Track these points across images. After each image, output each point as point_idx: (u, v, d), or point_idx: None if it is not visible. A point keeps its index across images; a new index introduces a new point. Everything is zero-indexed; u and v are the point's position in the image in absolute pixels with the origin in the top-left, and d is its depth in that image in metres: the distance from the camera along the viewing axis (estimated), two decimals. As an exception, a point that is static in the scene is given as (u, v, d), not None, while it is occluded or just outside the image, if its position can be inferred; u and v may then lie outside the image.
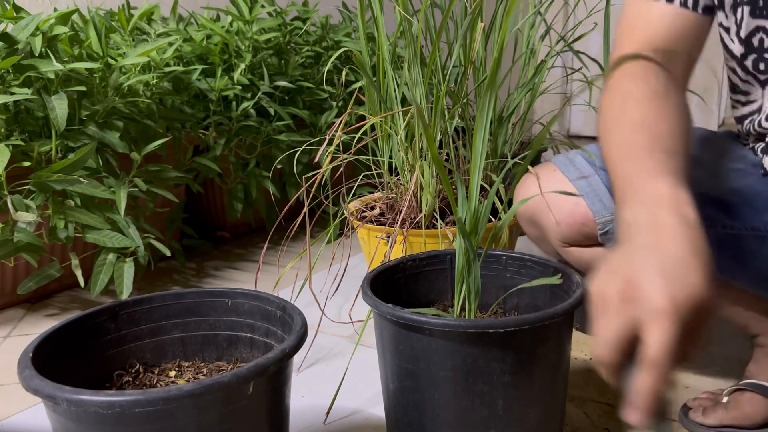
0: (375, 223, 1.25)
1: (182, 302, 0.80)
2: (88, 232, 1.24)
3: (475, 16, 1.12)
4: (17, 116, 1.27)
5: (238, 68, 1.66)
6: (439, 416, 0.73)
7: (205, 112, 1.63)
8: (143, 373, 0.78)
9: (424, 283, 0.92)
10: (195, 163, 1.59)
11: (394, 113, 1.23)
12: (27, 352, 0.64)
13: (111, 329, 0.76)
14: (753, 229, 0.82)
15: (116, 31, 1.53)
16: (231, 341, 0.81)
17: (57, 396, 0.56)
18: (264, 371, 0.60)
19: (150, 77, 1.44)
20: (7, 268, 1.33)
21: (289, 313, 0.73)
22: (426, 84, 1.18)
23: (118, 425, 0.57)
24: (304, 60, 1.89)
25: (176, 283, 1.55)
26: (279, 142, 1.72)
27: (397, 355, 0.75)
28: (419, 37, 1.17)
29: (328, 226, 1.19)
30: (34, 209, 1.16)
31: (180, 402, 0.56)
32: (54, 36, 1.28)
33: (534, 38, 1.40)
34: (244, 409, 0.61)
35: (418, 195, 1.22)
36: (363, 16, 1.28)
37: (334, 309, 1.31)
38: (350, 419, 0.96)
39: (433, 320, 0.70)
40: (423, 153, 1.22)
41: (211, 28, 1.66)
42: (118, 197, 1.26)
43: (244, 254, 1.77)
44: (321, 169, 1.13)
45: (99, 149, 1.32)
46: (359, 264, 1.57)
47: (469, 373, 0.70)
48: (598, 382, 1.06)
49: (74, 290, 1.49)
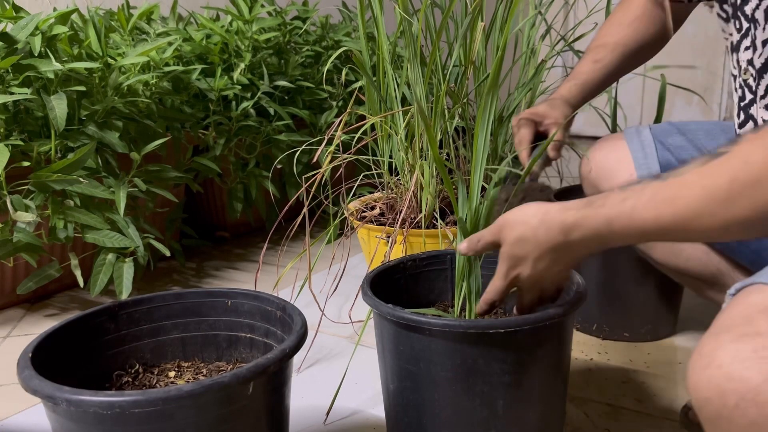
0: (375, 223, 1.25)
1: (182, 302, 0.80)
2: (88, 232, 1.24)
3: (475, 15, 1.12)
4: (17, 116, 1.27)
5: (238, 68, 1.66)
6: (439, 416, 0.73)
7: (204, 112, 1.63)
8: (143, 373, 0.77)
9: (424, 283, 0.92)
10: (195, 163, 1.59)
11: (394, 113, 1.23)
12: (27, 352, 0.63)
13: (111, 329, 0.76)
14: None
15: (116, 30, 1.53)
16: (231, 341, 0.80)
17: (56, 396, 0.56)
18: (264, 371, 0.60)
19: (149, 77, 1.44)
20: (7, 268, 1.33)
21: (289, 313, 0.73)
22: (426, 84, 1.18)
23: (118, 425, 0.57)
24: (304, 60, 1.89)
25: (176, 283, 1.55)
26: (279, 141, 1.72)
27: (397, 355, 0.75)
28: (419, 37, 1.17)
29: (328, 226, 1.19)
30: (34, 209, 1.16)
31: (180, 402, 0.56)
32: (53, 36, 1.28)
33: (534, 38, 1.39)
34: (243, 409, 0.61)
35: (418, 195, 1.22)
36: (363, 15, 1.28)
37: (334, 309, 1.31)
38: (350, 419, 0.96)
39: (433, 320, 0.69)
40: (423, 153, 1.21)
41: (210, 28, 1.66)
42: (117, 197, 1.26)
43: (244, 254, 1.77)
44: (321, 169, 1.13)
45: (98, 149, 1.32)
46: (359, 264, 1.57)
47: (470, 373, 0.70)
48: (598, 382, 1.06)
49: (74, 290, 1.48)
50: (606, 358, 1.14)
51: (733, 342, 0.46)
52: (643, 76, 1.80)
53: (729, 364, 0.45)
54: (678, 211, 0.53)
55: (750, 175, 0.49)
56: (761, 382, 0.43)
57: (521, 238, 0.66)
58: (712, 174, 0.51)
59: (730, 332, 0.47)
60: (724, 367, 0.45)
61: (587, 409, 0.97)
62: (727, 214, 0.51)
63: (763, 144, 0.49)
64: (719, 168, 0.51)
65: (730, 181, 0.50)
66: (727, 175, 0.50)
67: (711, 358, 0.46)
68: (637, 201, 0.56)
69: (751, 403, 0.43)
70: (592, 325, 1.22)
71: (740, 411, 0.44)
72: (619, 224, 0.57)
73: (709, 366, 0.46)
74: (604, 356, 1.15)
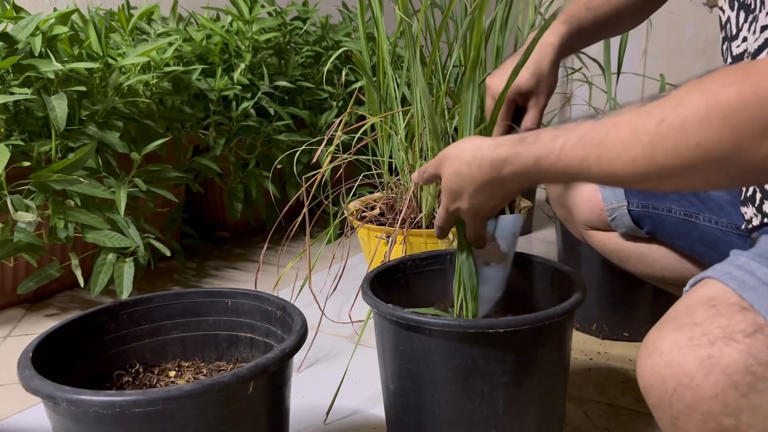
0: (375, 223, 1.25)
1: (182, 302, 0.80)
2: (88, 232, 1.24)
3: (475, 16, 1.12)
4: (17, 116, 1.27)
5: (238, 68, 1.66)
6: (439, 416, 0.73)
7: (205, 112, 1.63)
8: (143, 373, 0.78)
9: (424, 283, 0.92)
10: (195, 163, 1.59)
11: (394, 113, 1.23)
12: (27, 352, 0.64)
13: (111, 329, 0.76)
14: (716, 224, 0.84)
15: (116, 30, 1.53)
16: (231, 341, 0.81)
17: (57, 396, 0.56)
18: (264, 371, 0.60)
19: (150, 77, 1.44)
20: (7, 268, 1.33)
21: (289, 313, 0.73)
22: (426, 84, 1.18)
23: (118, 425, 0.57)
24: (304, 60, 1.89)
25: (176, 283, 1.55)
26: (279, 142, 1.72)
27: (397, 355, 0.75)
28: (419, 37, 1.17)
29: (328, 226, 1.19)
30: (34, 209, 1.16)
31: (180, 402, 0.56)
32: (54, 36, 1.28)
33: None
34: (244, 409, 0.61)
35: (418, 195, 1.22)
36: (363, 16, 1.28)
37: (334, 309, 1.31)
38: (350, 419, 0.96)
39: (433, 320, 0.69)
40: (423, 153, 1.22)
41: (211, 28, 1.66)
42: (118, 197, 1.26)
43: (244, 254, 1.77)
44: (321, 169, 1.13)
45: (99, 149, 1.32)
46: (359, 264, 1.57)
47: (469, 373, 0.70)
48: (598, 382, 1.06)
49: (74, 290, 1.49)
50: (606, 358, 1.14)
51: (673, 332, 0.48)
52: (643, 76, 1.79)
53: (668, 352, 0.47)
54: (603, 153, 0.51)
55: (680, 117, 0.45)
56: (695, 368, 0.45)
57: (457, 172, 0.67)
58: (645, 114, 0.48)
59: (671, 323, 0.49)
60: (664, 355, 0.47)
61: (587, 409, 0.97)
62: (648, 159, 0.47)
63: (701, 87, 0.45)
64: (653, 108, 0.48)
65: (658, 121, 0.46)
66: (659, 116, 0.47)
67: (654, 347, 0.48)
68: (567, 140, 0.54)
69: (686, 388, 0.45)
70: (592, 325, 1.22)
71: (677, 396, 0.46)
72: (546, 162, 0.56)
73: (651, 355, 0.48)
74: (603, 356, 1.15)
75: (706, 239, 0.85)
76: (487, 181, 0.64)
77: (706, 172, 0.46)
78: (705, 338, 0.46)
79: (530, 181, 0.62)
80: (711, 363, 0.44)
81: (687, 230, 0.86)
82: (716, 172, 0.46)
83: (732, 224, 0.83)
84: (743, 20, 0.68)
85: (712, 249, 0.85)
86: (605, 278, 1.18)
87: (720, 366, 0.44)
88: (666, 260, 0.94)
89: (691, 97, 0.45)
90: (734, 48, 0.70)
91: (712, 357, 0.45)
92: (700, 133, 0.44)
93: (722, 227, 0.83)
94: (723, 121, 0.43)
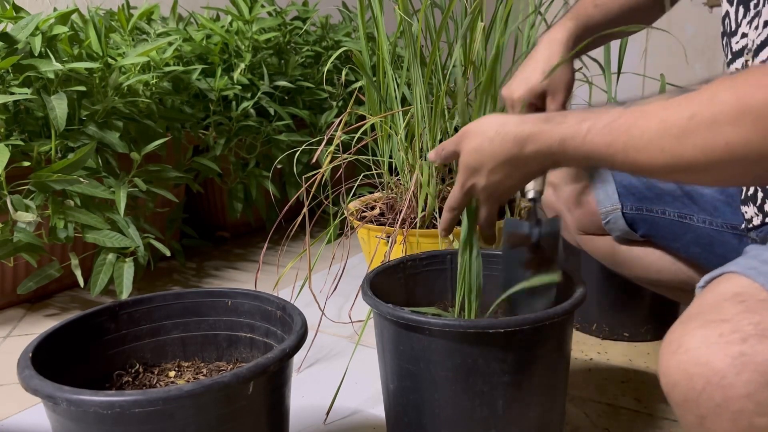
0: (375, 223, 1.25)
1: (182, 302, 0.80)
2: (88, 232, 1.24)
3: (475, 16, 1.12)
4: (17, 116, 1.27)
5: (238, 68, 1.66)
6: (439, 416, 0.73)
7: (205, 112, 1.63)
8: (143, 373, 0.77)
9: (424, 283, 0.92)
10: (195, 163, 1.59)
11: (394, 113, 1.23)
12: (27, 352, 0.64)
13: (111, 329, 0.76)
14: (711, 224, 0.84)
15: (116, 30, 1.53)
16: (231, 341, 0.80)
17: (57, 396, 0.56)
18: (264, 371, 0.60)
19: (150, 77, 1.44)
20: (7, 268, 1.33)
21: (289, 313, 0.73)
22: (426, 84, 1.18)
23: (118, 425, 0.57)
24: (304, 60, 1.89)
25: (176, 283, 1.55)
26: (279, 142, 1.72)
27: (397, 355, 0.75)
28: (419, 37, 1.17)
29: (328, 226, 1.19)
30: (34, 209, 1.16)
31: (180, 402, 0.56)
32: (54, 36, 1.28)
33: (534, 38, 1.39)
34: (244, 409, 0.61)
35: (418, 195, 1.22)
36: (363, 15, 1.28)
37: (334, 309, 1.31)
38: (350, 419, 0.96)
39: (433, 320, 0.69)
40: (423, 153, 1.22)
41: (210, 28, 1.66)
42: (117, 197, 1.26)
43: (244, 254, 1.77)
44: (321, 169, 1.13)
45: (99, 149, 1.32)
46: (359, 264, 1.57)
47: (470, 373, 0.70)
48: (597, 381, 1.06)
49: (74, 290, 1.49)
50: (606, 358, 1.14)
51: (701, 328, 0.46)
52: (643, 76, 1.79)
53: (696, 348, 0.45)
54: (630, 142, 0.51)
55: (711, 114, 0.46)
56: (726, 366, 0.43)
57: (478, 148, 0.65)
58: (674, 107, 0.49)
59: (697, 319, 0.47)
60: (691, 352, 0.45)
61: (587, 409, 0.97)
62: (676, 152, 0.48)
63: (733, 86, 0.46)
64: (683, 102, 0.48)
65: (690, 116, 0.47)
66: (689, 111, 0.47)
67: (679, 343, 0.47)
68: (594, 124, 0.54)
69: (716, 386, 0.44)
70: (592, 325, 1.22)
71: (706, 394, 0.44)
72: (571, 145, 0.56)
73: (677, 351, 0.46)
74: (603, 356, 1.15)
75: (701, 240, 0.85)
76: (509, 158, 0.63)
77: (731, 169, 0.47)
78: (736, 335, 0.44)
79: (553, 162, 0.60)
80: (743, 361, 0.43)
81: (682, 232, 0.86)
82: (740, 171, 0.47)
83: (727, 224, 0.83)
84: (742, 15, 0.68)
85: (708, 250, 0.85)
86: (605, 278, 1.18)
87: (753, 364, 0.43)
88: (661, 263, 0.93)
89: (723, 96, 0.46)
90: (734, 44, 0.70)
91: (744, 354, 0.43)
92: (729, 132, 0.45)
93: (717, 227, 0.83)
94: (754, 123, 0.44)
